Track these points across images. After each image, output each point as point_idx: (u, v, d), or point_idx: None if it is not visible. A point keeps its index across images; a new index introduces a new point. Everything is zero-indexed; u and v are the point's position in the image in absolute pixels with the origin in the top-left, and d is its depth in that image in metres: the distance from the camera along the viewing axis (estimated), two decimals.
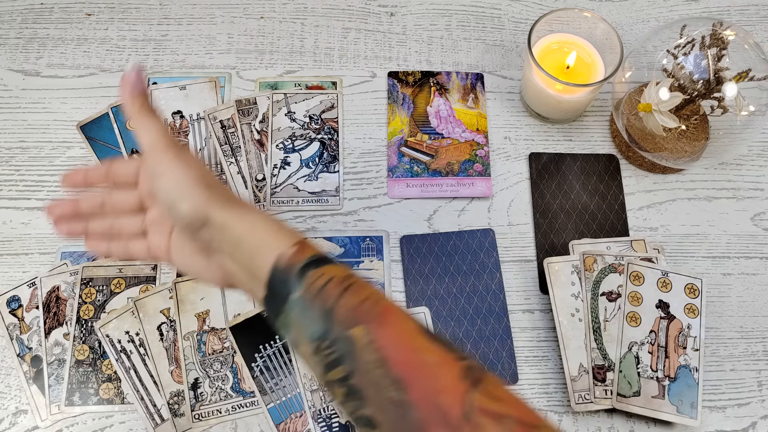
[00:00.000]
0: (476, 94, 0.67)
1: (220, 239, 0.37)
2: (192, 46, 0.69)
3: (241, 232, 0.36)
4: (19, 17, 0.70)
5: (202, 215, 0.37)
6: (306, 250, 0.35)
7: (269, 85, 0.67)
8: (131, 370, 0.55)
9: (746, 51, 0.57)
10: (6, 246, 0.60)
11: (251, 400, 0.55)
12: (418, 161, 0.64)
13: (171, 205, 0.37)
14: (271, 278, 0.35)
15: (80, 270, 0.58)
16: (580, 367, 0.54)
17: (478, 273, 0.59)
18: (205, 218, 0.37)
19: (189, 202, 0.37)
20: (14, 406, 0.54)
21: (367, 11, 0.72)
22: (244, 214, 0.37)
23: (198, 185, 0.37)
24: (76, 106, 0.66)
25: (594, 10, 0.72)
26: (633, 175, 0.64)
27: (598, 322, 0.56)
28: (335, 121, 0.66)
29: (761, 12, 0.72)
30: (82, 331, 0.56)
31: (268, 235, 0.36)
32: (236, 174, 0.63)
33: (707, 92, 0.56)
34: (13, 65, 0.68)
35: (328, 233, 0.61)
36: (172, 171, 0.37)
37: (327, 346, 0.33)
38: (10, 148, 0.64)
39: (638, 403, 0.53)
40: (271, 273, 0.35)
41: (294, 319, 0.34)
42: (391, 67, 0.69)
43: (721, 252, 0.61)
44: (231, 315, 0.57)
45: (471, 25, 0.72)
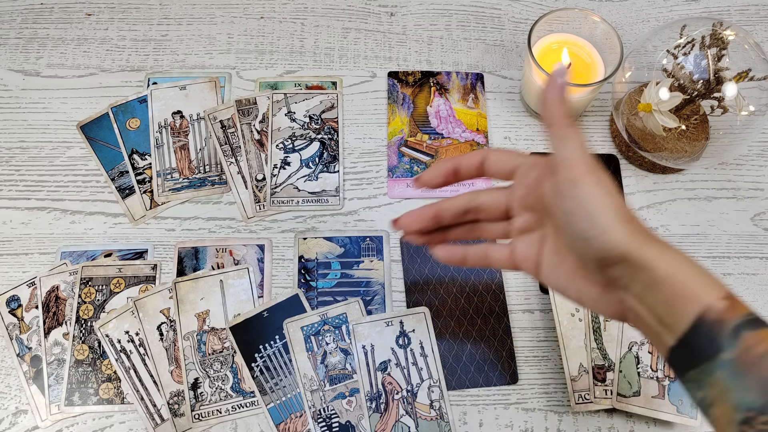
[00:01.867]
0: (476, 94, 0.67)
1: (632, 278, 0.34)
2: (192, 46, 0.69)
3: (660, 276, 0.32)
4: (19, 17, 0.70)
5: (621, 252, 0.33)
6: (738, 306, 0.32)
7: (269, 85, 0.67)
8: (131, 370, 0.55)
9: (746, 51, 0.57)
10: (6, 246, 0.60)
11: (251, 400, 0.54)
12: (418, 161, 0.64)
13: (582, 234, 0.34)
14: (692, 330, 0.32)
15: (80, 269, 0.58)
16: (580, 367, 0.54)
17: (478, 273, 0.59)
18: (623, 255, 0.33)
19: (608, 236, 0.33)
20: (14, 406, 0.54)
21: (367, 11, 0.72)
22: (665, 255, 0.33)
23: (619, 219, 0.33)
24: (76, 106, 0.66)
25: (594, 10, 0.72)
26: (633, 175, 0.64)
27: (598, 322, 0.56)
28: (335, 121, 0.66)
29: (761, 12, 0.72)
30: (82, 331, 0.56)
31: (694, 282, 0.32)
32: (236, 174, 0.63)
33: (707, 92, 0.56)
34: (13, 65, 0.68)
35: (328, 233, 0.61)
36: (592, 199, 0.34)
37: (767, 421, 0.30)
38: (10, 148, 0.64)
39: (638, 403, 0.53)
40: (694, 325, 0.32)
41: (718, 381, 0.31)
42: (391, 67, 0.69)
43: (721, 252, 0.61)
44: (231, 315, 0.57)
45: (471, 25, 0.72)
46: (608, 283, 0.36)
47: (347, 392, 0.54)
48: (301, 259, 0.60)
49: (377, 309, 0.58)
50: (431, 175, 0.42)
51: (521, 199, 0.40)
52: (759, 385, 0.30)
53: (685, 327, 0.32)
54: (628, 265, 0.33)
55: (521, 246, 0.41)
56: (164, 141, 0.64)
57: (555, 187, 0.36)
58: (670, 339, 0.33)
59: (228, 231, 0.61)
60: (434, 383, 0.55)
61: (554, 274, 0.39)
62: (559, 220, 0.36)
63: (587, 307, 0.38)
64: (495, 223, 0.42)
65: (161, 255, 0.60)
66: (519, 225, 0.41)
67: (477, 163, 0.41)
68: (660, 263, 0.32)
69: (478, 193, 0.42)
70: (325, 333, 0.56)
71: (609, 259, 0.34)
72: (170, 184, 0.62)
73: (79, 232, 0.61)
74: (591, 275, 0.36)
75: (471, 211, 0.42)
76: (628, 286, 0.34)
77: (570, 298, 0.38)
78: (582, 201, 0.34)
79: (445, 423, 0.54)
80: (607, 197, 0.34)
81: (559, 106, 0.36)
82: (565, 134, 0.35)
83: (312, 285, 0.59)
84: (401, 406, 0.54)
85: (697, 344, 0.32)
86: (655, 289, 0.33)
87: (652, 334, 0.35)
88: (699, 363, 0.32)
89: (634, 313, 0.35)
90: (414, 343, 0.56)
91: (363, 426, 0.53)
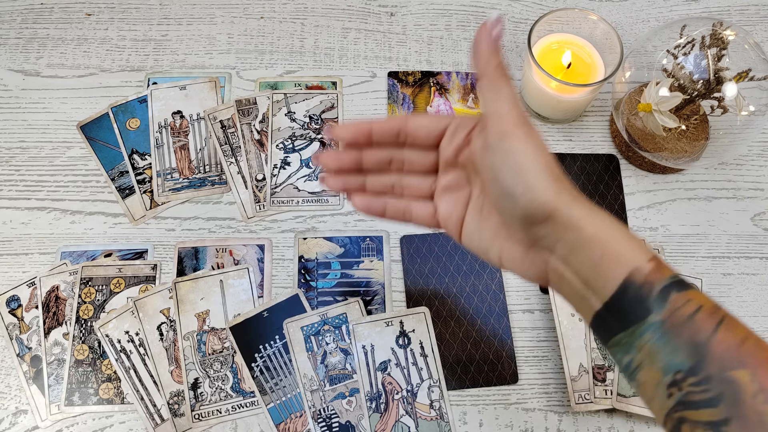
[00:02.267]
0: (476, 94, 0.67)
1: (558, 238, 0.33)
2: (192, 46, 0.69)
3: (587, 236, 0.32)
4: (19, 17, 0.70)
5: (548, 210, 0.32)
6: (664, 268, 0.31)
7: (269, 85, 0.67)
8: (131, 370, 0.55)
9: (746, 51, 0.57)
10: (6, 246, 0.60)
11: (251, 400, 0.54)
12: None
13: (508, 190, 0.33)
14: (619, 292, 0.31)
15: (80, 269, 0.58)
16: (580, 367, 0.54)
17: (478, 273, 0.59)
18: (549, 213, 0.32)
19: (535, 194, 0.32)
20: (14, 406, 0.54)
21: (367, 11, 0.72)
22: (592, 215, 0.32)
23: (547, 175, 0.32)
24: (76, 106, 0.66)
25: (594, 10, 0.72)
26: (633, 175, 0.64)
27: None
28: (335, 121, 0.66)
29: (761, 12, 0.72)
30: (82, 331, 0.56)
31: (621, 243, 0.31)
32: (236, 174, 0.63)
33: (707, 92, 0.56)
34: (13, 65, 0.68)
35: (328, 233, 0.61)
36: (520, 153, 0.32)
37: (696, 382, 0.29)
38: (10, 148, 0.64)
39: (638, 403, 0.53)
40: (622, 287, 0.31)
41: (647, 344, 0.31)
42: (391, 67, 0.69)
43: (721, 252, 0.61)
44: (231, 315, 0.57)
45: (471, 25, 0.72)
46: (532, 242, 0.35)
47: (347, 392, 0.54)
48: (301, 259, 0.60)
49: (377, 309, 0.58)
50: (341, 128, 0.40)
51: (448, 160, 0.39)
52: (687, 346, 0.30)
53: (612, 289, 0.31)
54: (554, 223, 0.32)
55: (444, 204, 0.39)
56: (164, 141, 0.64)
57: (484, 141, 0.35)
58: (596, 302, 0.32)
59: (228, 231, 0.61)
60: (434, 383, 0.55)
61: (476, 234, 0.38)
62: (485, 176, 0.35)
63: (508, 268, 0.37)
64: (419, 178, 0.40)
65: (161, 255, 0.60)
66: (444, 183, 0.39)
67: (394, 128, 0.39)
68: (587, 223, 0.32)
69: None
70: (325, 333, 0.56)
71: (535, 217, 0.33)
72: (170, 184, 0.62)
73: (79, 232, 0.61)
74: (515, 234, 0.36)
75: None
76: (553, 247, 0.33)
77: (491, 260, 0.38)
78: (510, 154, 0.33)
79: (445, 423, 0.54)
80: (536, 152, 0.33)
81: (493, 56, 0.34)
82: (497, 85, 0.34)
83: (312, 285, 0.59)
84: (401, 406, 0.54)
85: (625, 307, 0.31)
86: (582, 250, 0.32)
87: (576, 298, 0.34)
88: (627, 326, 0.31)
89: (558, 275, 0.34)
90: (414, 343, 0.56)
91: (363, 426, 0.53)
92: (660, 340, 0.30)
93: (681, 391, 0.30)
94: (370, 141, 0.40)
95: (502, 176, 0.33)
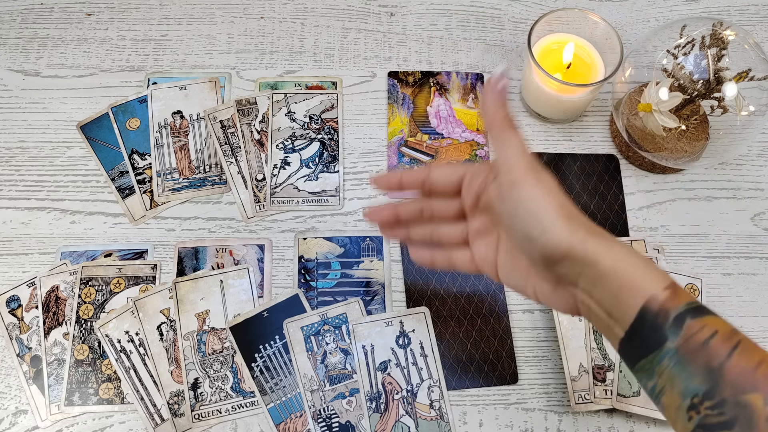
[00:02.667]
0: (476, 94, 0.67)
1: (579, 273, 0.34)
2: (192, 46, 0.69)
3: (605, 269, 0.33)
4: (19, 17, 0.70)
5: (563, 250, 0.34)
6: (681, 295, 0.32)
7: (269, 85, 0.67)
8: (131, 370, 0.55)
9: (746, 51, 0.57)
10: (6, 246, 0.60)
11: (251, 400, 0.54)
12: (419, 161, 0.64)
13: (526, 235, 0.35)
14: (637, 321, 0.33)
15: (80, 269, 0.58)
16: (580, 367, 0.54)
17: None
18: (565, 253, 0.34)
19: (549, 236, 0.34)
20: (14, 406, 0.54)
21: (367, 11, 0.72)
22: (608, 249, 0.33)
23: (560, 216, 0.34)
24: (76, 106, 0.66)
25: (594, 10, 0.72)
26: (633, 175, 0.64)
27: None
28: (335, 121, 0.66)
29: (761, 12, 0.72)
30: (82, 331, 0.56)
31: (637, 274, 0.33)
32: (236, 174, 0.63)
33: (707, 92, 0.56)
34: (13, 65, 0.68)
35: (328, 233, 0.61)
36: (532, 199, 0.35)
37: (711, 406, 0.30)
38: (10, 148, 0.64)
39: (638, 403, 0.53)
40: (639, 316, 0.32)
41: (665, 369, 0.32)
42: (391, 67, 0.69)
43: (721, 252, 0.61)
44: (231, 315, 0.57)
45: (471, 25, 0.72)
46: (557, 279, 0.36)
47: (347, 392, 0.54)
48: (301, 259, 0.60)
49: (377, 309, 0.58)
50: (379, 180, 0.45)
51: (471, 206, 0.41)
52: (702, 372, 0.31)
53: (631, 318, 0.33)
54: (572, 261, 0.34)
55: (479, 249, 0.41)
56: (164, 141, 0.64)
57: (497, 191, 0.37)
58: (619, 331, 0.34)
59: (228, 231, 0.61)
60: (434, 383, 0.55)
61: (510, 275, 0.40)
62: (504, 223, 0.37)
63: (543, 303, 0.39)
64: (450, 226, 0.43)
65: (161, 255, 0.60)
66: (474, 229, 0.42)
67: (419, 179, 0.43)
68: (604, 257, 0.33)
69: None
70: (325, 333, 0.56)
71: (553, 257, 0.34)
72: (170, 184, 0.62)
73: (79, 232, 0.61)
74: (541, 273, 0.37)
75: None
76: (576, 282, 0.35)
77: (527, 296, 0.39)
78: (522, 202, 0.35)
79: (445, 423, 0.54)
80: (547, 196, 0.34)
81: (499, 110, 0.36)
82: (505, 137, 0.36)
83: (312, 285, 0.59)
84: (401, 406, 0.54)
85: (643, 334, 0.32)
86: (601, 283, 0.33)
87: (604, 328, 0.35)
88: (647, 353, 0.33)
89: (586, 306, 0.35)
90: (414, 343, 0.56)
91: (363, 426, 0.53)
92: (677, 366, 0.31)
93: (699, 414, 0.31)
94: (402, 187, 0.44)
95: (518, 222, 0.35)
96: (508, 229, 0.38)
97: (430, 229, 0.44)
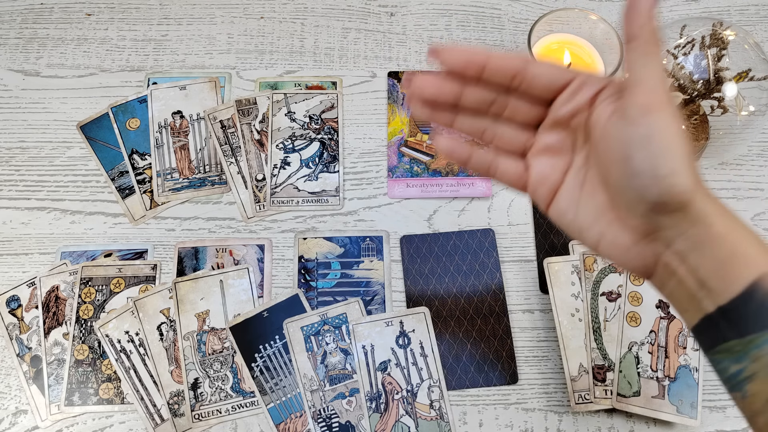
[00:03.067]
0: None
1: (682, 232, 0.30)
2: (192, 46, 0.69)
3: (715, 233, 0.29)
4: (19, 17, 0.70)
5: (685, 198, 0.29)
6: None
7: (269, 85, 0.67)
8: (131, 370, 0.55)
9: (746, 51, 0.57)
10: (6, 246, 0.60)
11: (251, 400, 0.54)
12: (418, 161, 0.64)
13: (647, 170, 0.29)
14: (743, 297, 0.29)
15: (80, 269, 0.58)
16: (580, 367, 0.54)
17: (478, 273, 0.59)
18: (686, 203, 0.29)
19: (677, 179, 0.29)
20: (14, 406, 0.54)
21: (367, 11, 0.72)
22: (723, 213, 0.30)
23: (690, 162, 0.29)
24: (76, 106, 0.66)
25: (594, 10, 0.72)
26: None
27: (598, 322, 0.56)
28: (335, 121, 0.66)
29: (761, 12, 0.72)
30: (82, 331, 0.56)
31: (751, 246, 0.29)
32: (236, 174, 0.63)
33: (707, 92, 0.56)
34: (13, 65, 0.68)
35: (328, 233, 0.61)
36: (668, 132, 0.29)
37: None
38: (10, 148, 0.64)
39: (638, 403, 0.53)
40: (747, 291, 0.29)
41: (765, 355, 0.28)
42: (391, 67, 0.69)
43: None
44: (231, 315, 0.57)
45: (471, 25, 0.72)
46: (649, 233, 0.32)
47: (347, 392, 0.54)
48: (301, 259, 0.60)
49: (377, 309, 0.58)
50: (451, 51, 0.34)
51: (560, 119, 0.34)
52: None
53: (734, 292, 0.29)
54: (684, 215, 0.30)
55: (539, 167, 0.35)
56: (164, 141, 0.64)
57: (622, 111, 0.31)
58: (709, 305, 0.30)
59: (228, 231, 0.61)
60: (434, 383, 0.55)
61: (570, 210, 0.34)
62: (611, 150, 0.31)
63: (606, 255, 0.34)
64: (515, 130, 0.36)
65: (161, 255, 0.60)
66: (544, 143, 0.35)
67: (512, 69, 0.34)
68: (718, 220, 0.29)
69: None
70: (325, 333, 0.56)
71: (669, 205, 0.30)
72: (170, 184, 0.62)
73: (79, 232, 0.61)
74: (628, 220, 0.32)
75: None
76: (672, 240, 0.31)
77: (585, 242, 0.34)
78: (656, 131, 0.29)
79: (445, 423, 0.54)
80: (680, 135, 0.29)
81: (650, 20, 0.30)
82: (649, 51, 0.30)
83: (312, 285, 0.59)
84: (401, 406, 0.54)
85: (746, 312, 0.29)
86: (707, 247, 0.30)
87: (683, 298, 0.31)
88: (744, 333, 0.29)
89: (669, 270, 0.31)
90: (414, 343, 0.56)
91: (363, 426, 0.53)
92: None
93: None
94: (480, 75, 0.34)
95: (641, 155, 0.30)
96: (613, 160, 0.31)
97: (486, 124, 0.36)
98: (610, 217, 0.33)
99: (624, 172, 0.31)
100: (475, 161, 0.37)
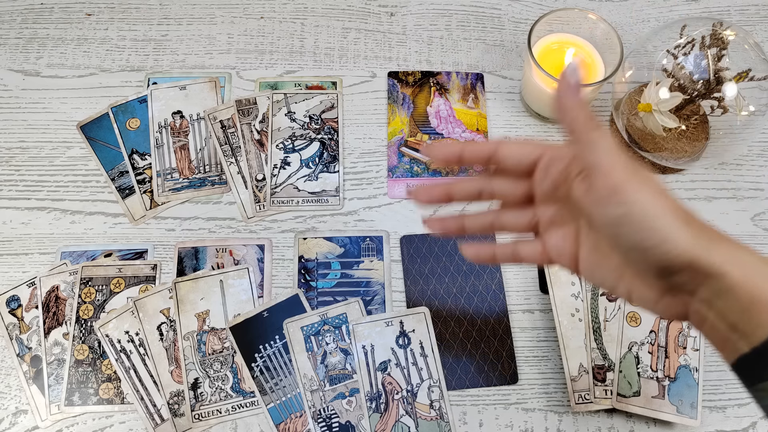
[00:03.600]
0: (476, 94, 0.67)
1: (700, 284, 0.30)
2: (192, 46, 0.69)
3: (733, 282, 0.29)
4: (19, 17, 0.70)
5: (685, 261, 0.29)
6: None
7: (269, 85, 0.67)
8: (131, 370, 0.55)
9: (746, 51, 0.57)
10: (6, 246, 0.60)
11: (251, 400, 0.54)
12: (418, 161, 0.64)
13: (639, 246, 0.30)
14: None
15: (79, 269, 0.58)
16: (580, 367, 0.54)
17: (478, 273, 0.59)
18: (688, 263, 0.29)
19: (668, 246, 0.29)
20: (14, 406, 0.54)
21: (367, 11, 0.72)
22: (736, 258, 0.29)
23: (678, 222, 0.29)
24: (76, 106, 0.66)
25: (594, 10, 0.72)
26: None
27: (598, 322, 0.56)
28: (335, 121, 0.66)
29: (761, 12, 0.72)
30: (82, 331, 0.56)
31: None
32: (236, 174, 0.63)
33: (707, 92, 0.56)
34: (13, 65, 0.68)
35: (328, 233, 0.61)
36: (642, 205, 0.30)
37: None
38: (10, 148, 0.64)
39: (638, 403, 0.53)
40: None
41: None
42: (391, 67, 0.69)
43: None
44: (231, 315, 0.57)
45: (471, 25, 0.72)
46: (668, 288, 0.32)
47: (347, 392, 0.54)
48: (301, 259, 0.60)
49: (377, 309, 0.58)
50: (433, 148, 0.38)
51: (546, 194, 0.36)
52: None
53: (764, 336, 0.29)
54: (694, 271, 0.30)
55: (553, 240, 0.37)
56: (164, 141, 0.64)
57: (594, 196, 0.32)
58: (743, 346, 0.30)
59: (228, 231, 0.61)
60: (434, 383, 0.55)
61: (596, 271, 0.35)
62: (603, 230, 0.32)
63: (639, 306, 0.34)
64: (515, 212, 0.38)
65: (161, 255, 0.60)
66: (547, 217, 0.37)
67: (485, 153, 0.37)
68: (732, 267, 0.29)
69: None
70: (325, 333, 0.56)
71: (672, 268, 0.30)
72: (170, 184, 0.62)
73: (79, 232, 0.61)
74: (645, 280, 0.33)
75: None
76: (695, 290, 0.31)
77: (620, 295, 0.35)
78: (631, 208, 0.30)
79: (445, 423, 0.54)
80: (658, 200, 0.30)
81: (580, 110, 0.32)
82: (592, 138, 0.31)
83: (312, 285, 0.59)
84: (401, 406, 0.54)
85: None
86: (727, 295, 0.29)
87: (721, 340, 0.31)
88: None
89: (700, 316, 0.31)
90: (414, 343, 0.56)
91: (363, 426, 0.53)
92: None
93: None
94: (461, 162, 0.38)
95: (627, 231, 0.31)
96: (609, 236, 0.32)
97: (491, 218, 0.39)
98: (630, 274, 0.33)
99: (618, 246, 0.32)
100: (500, 256, 0.39)
